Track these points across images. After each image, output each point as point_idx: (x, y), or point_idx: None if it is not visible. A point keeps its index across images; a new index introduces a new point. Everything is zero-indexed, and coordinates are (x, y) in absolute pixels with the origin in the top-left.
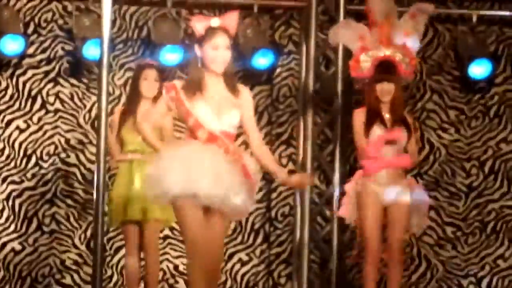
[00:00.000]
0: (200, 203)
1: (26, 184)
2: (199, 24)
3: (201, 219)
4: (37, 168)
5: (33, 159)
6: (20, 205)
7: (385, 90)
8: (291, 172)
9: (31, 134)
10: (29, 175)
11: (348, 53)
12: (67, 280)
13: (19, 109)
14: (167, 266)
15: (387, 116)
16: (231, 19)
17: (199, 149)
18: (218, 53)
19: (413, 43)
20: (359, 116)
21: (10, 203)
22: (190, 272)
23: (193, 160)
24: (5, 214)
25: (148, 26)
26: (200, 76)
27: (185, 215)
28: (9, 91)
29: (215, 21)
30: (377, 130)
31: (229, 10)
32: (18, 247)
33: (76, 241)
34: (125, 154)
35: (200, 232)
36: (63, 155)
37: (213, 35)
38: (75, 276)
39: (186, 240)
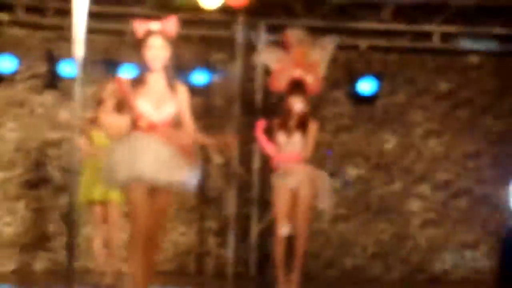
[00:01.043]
0: (145, 185)
1: (16, 171)
2: (139, 27)
3: (143, 199)
4: (24, 159)
5: (21, 153)
6: (11, 188)
7: (296, 102)
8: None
9: (20, 132)
10: (18, 164)
11: (266, 72)
12: (48, 246)
13: (11, 113)
14: None
15: (291, 123)
16: (170, 23)
17: (140, 138)
18: (153, 53)
19: (321, 68)
20: (258, 127)
21: (3, 187)
22: (128, 245)
23: (136, 149)
24: None
25: (110, 51)
26: (144, 74)
27: (130, 196)
28: (4, 100)
29: (154, 25)
30: (281, 136)
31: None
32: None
33: (55, 216)
34: (93, 150)
35: (141, 210)
36: (45, 149)
37: (149, 36)
38: (54, 243)
39: (130, 216)
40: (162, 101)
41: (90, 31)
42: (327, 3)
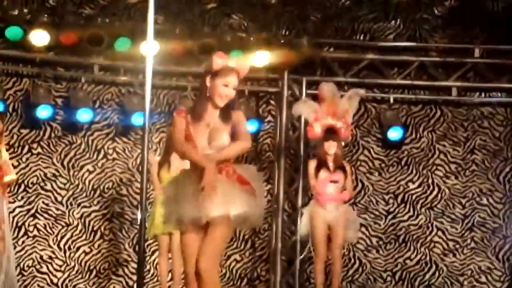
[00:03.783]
0: (199, 223)
1: (93, 208)
2: (219, 60)
3: (194, 241)
4: (100, 197)
5: (98, 191)
6: (89, 222)
7: (330, 146)
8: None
9: (96, 174)
10: (95, 201)
11: (306, 122)
12: (120, 272)
13: (88, 157)
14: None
15: (331, 164)
16: (245, 63)
17: (191, 176)
18: (226, 91)
19: (350, 115)
20: (311, 164)
21: (82, 220)
22: (184, 279)
23: (188, 188)
24: (79, 228)
25: (174, 103)
26: (204, 107)
27: (182, 237)
28: (82, 146)
29: (232, 62)
30: (323, 174)
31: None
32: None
33: (126, 246)
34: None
35: (191, 252)
36: (118, 188)
37: (227, 73)
38: (126, 270)
39: (182, 257)
40: (216, 134)
41: (156, 87)
42: (360, 62)
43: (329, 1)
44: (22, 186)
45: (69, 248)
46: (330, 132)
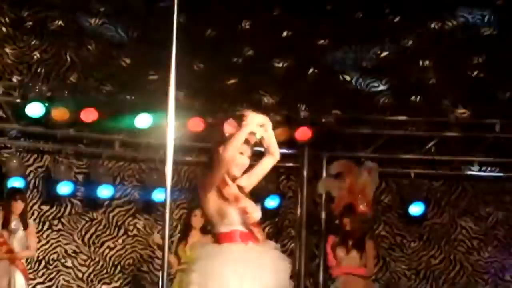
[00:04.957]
0: None
1: (114, 284)
2: (230, 128)
3: None
4: (121, 274)
5: (118, 268)
6: None
7: (348, 223)
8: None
9: (117, 251)
10: (116, 278)
11: (327, 198)
12: None
13: (109, 234)
14: None
15: (350, 241)
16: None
17: (226, 254)
18: (243, 159)
19: (370, 190)
20: (329, 240)
21: None
22: None
23: (216, 267)
24: None
25: (195, 179)
26: (222, 179)
27: None
28: (103, 222)
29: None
30: (340, 252)
31: None
32: None
33: None
34: (181, 266)
35: None
36: (138, 265)
37: (246, 143)
38: None
39: None
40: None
41: (177, 163)
42: (381, 137)
43: (349, 76)
44: (43, 263)
45: None
46: (348, 209)
